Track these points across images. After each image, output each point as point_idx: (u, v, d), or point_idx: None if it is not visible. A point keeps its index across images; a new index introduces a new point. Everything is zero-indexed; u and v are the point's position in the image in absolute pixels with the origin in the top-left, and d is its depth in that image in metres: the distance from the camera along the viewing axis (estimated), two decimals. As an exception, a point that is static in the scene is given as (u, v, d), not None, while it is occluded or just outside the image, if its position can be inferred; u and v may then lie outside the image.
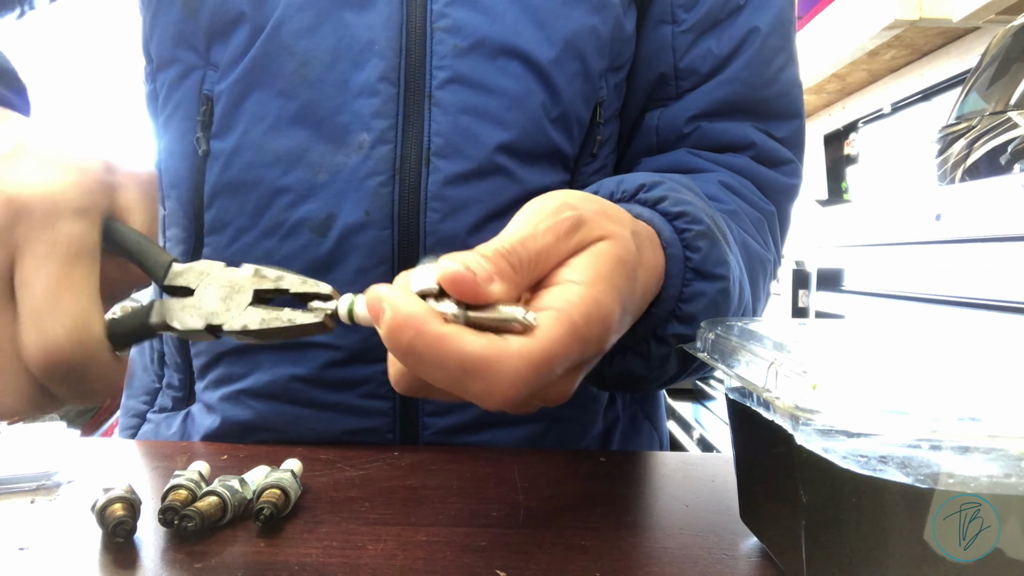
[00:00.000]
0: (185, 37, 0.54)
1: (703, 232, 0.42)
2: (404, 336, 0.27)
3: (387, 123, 0.51)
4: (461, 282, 0.28)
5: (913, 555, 0.25)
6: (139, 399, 0.62)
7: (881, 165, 2.61)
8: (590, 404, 0.59)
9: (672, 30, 0.58)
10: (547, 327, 0.29)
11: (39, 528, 0.36)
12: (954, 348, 0.34)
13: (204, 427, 0.55)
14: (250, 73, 0.52)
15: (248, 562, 0.33)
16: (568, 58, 0.53)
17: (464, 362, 0.27)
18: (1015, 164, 1.24)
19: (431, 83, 0.51)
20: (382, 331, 0.28)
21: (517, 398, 0.28)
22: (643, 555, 0.35)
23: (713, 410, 2.69)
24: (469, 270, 0.28)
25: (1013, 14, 1.61)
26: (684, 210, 0.43)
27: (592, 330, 0.30)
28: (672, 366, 0.45)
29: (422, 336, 0.27)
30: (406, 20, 0.51)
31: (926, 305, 1.28)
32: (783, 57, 0.59)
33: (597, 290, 0.30)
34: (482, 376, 0.27)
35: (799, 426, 0.27)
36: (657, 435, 0.67)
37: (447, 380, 0.28)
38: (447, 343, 0.27)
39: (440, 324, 0.27)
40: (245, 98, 0.52)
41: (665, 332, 0.43)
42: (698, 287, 0.42)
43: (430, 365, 0.27)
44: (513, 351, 0.28)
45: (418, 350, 0.27)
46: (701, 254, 0.42)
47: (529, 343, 0.28)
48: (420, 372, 0.28)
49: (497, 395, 0.28)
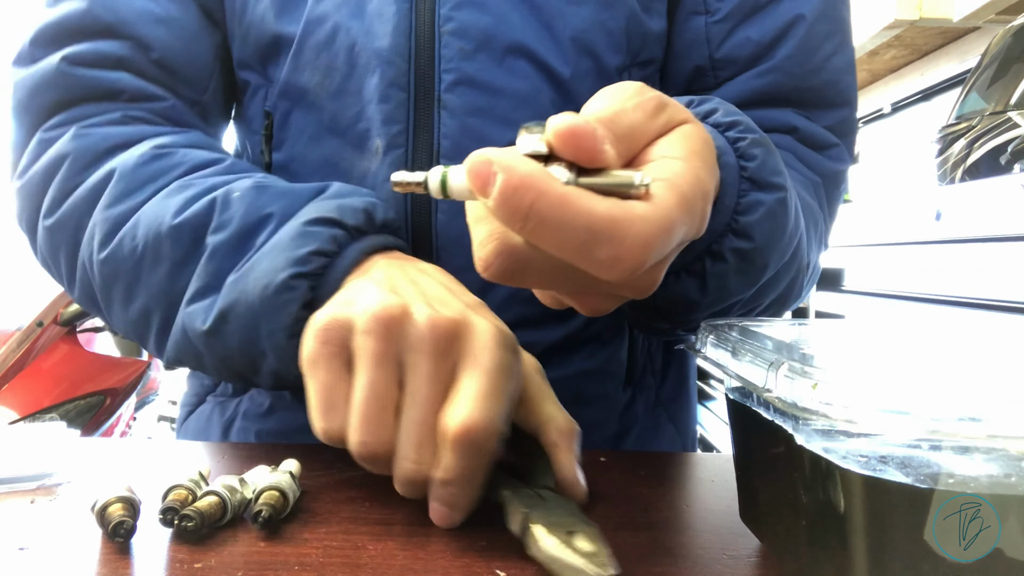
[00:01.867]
0: (244, 62, 0.58)
1: (757, 140, 0.41)
2: (525, 199, 0.25)
3: (398, 128, 0.52)
4: (581, 136, 0.26)
5: (913, 555, 0.25)
6: (204, 382, 0.64)
7: (881, 165, 2.61)
8: (604, 405, 0.58)
9: (705, 20, 0.56)
10: (663, 194, 0.27)
11: (39, 528, 0.36)
12: (954, 348, 0.34)
13: (253, 408, 0.58)
14: (287, 89, 0.55)
15: (248, 562, 0.33)
16: (578, 55, 0.53)
17: (593, 224, 0.25)
18: (1015, 164, 1.24)
19: (439, 86, 0.52)
20: (494, 197, 0.26)
21: (646, 264, 0.27)
22: (643, 555, 0.35)
23: (713, 410, 2.69)
24: (588, 123, 0.26)
25: (1013, 14, 1.61)
26: (737, 120, 0.42)
27: (697, 204, 0.29)
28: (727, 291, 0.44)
29: (545, 196, 0.25)
30: (414, 26, 0.52)
31: (926, 305, 1.28)
32: (832, 43, 0.56)
33: (695, 165, 0.30)
34: (611, 239, 0.26)
35: (799, 426, 0.27)
36: (680, 440, 0.65)
37: (571, 246, 0.26)
38: (574, 203, 0.25)
39: (562, 185, 0.26)
40: (291, 112, 0.55)
41: (722, 247, 0.41)
42: (755, 197, 0.41)
43: (554, 230, 0.26)
44: (640, 213, 0.26)
45: (542, 213, 0.25)
46: (756, 162, 0.41)
47: (652, 207, 0.27)
48: (540, 239, 0.26)
49: (627, 260, 0.26)
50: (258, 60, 0.57)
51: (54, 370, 2.14)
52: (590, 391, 0.57)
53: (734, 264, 0.42)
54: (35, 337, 2.11)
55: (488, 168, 0.26)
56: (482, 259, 0.29)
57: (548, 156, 0.27)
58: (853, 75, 0.59)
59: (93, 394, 2.19)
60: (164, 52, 0.55)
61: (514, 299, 0.53)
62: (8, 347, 2.06)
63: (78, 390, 2.16)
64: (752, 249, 0.42)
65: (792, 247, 0.47)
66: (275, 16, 0.54)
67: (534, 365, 0.44)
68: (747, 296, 0.46)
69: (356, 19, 0.52)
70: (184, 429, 0.64)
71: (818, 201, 0.57)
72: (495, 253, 0.29)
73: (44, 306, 2.13)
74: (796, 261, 0.49)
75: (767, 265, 0.45)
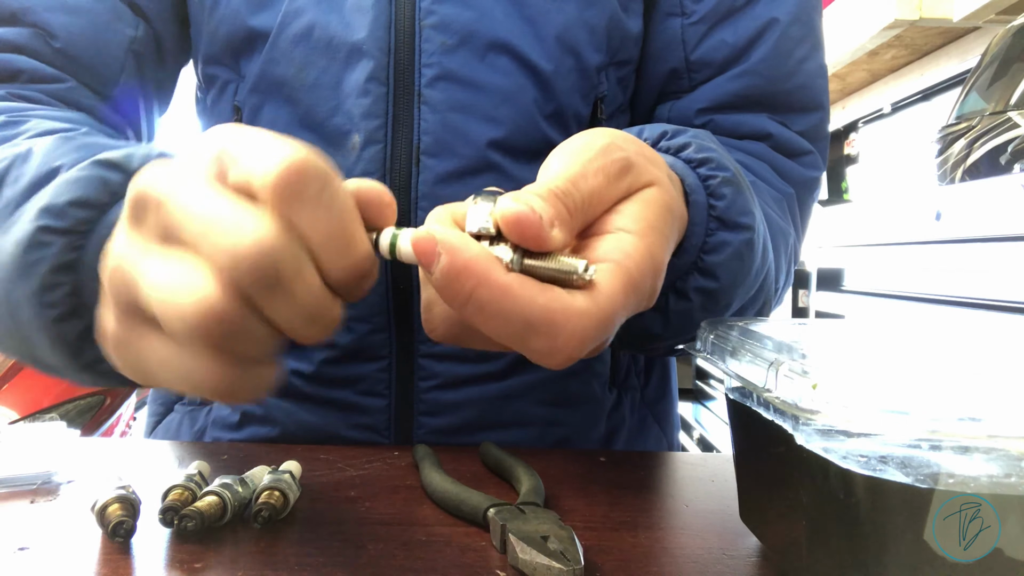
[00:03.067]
0: (213, 56, 0.57)
1: (728, 179, 0.41)
2: (464, 285, 0.25)
3: (377, 123, 0.51)
4: (526, 225, 0.26)
5: (913, 555, 0.25)
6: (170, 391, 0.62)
7: (881, 165, 2.61)
8: (591, 406, 0.58)
9: (681, 23, 0.57)
10: (607, 282, 0.27)
11: (39, 528, 0.36)
12: (954, 348, 0.34)
13: (222, 418, 0.57)
14: (261, 82, 0.54)
15: (248, 562, 0.33)
16: (560, 53, 0.53)
17: (530, 318, 0.25)
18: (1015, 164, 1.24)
19: (420, 81, 0.51)
20: (436, 276, 0.26)
21: (581, 355, 0.27)
22: (643, 555, 0.35)
23: (713, 410, 2.69)
24: (535, 212, 0.26)
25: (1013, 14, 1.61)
26: (708, 156, 0.41)
27: (646, 283, 0.28)
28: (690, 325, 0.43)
29: (485, 287, 0.25)
30: (394, 19, 0.51)
31: (926, 305, 1.28)
32: (805, 47, 0.56)
33: (650, 241, 0.29)
34: (547, 333, 0.26)
35: (799, 426, 0.27)
36: (666, 440, 0.65)
37: (508, 335, 0.26)
38: (513, 294, 0.25)
39: (504, 273, 0.25)
40: (262, 106, 0.54)
41: (686, 285, 0.41)
42: (722, 237, 0.40)
43: (491, 317, 0.26)
44: (579, 308, 0.26)
45: (480, 301, 0.25)
46: (725, 202, 0.40)
47: (592, 301, 0.26)
48: (477, 323, 0.26)
49: (562, 354, 0.26)
50: (230, 55, 0.55)
51: (54, 370, 2.14)
52: (576, 392, 0.57)
53: (698, 302, 0.42)
54: (35, 337, 2.11)
55: (432, 246, 0.26)
56: (427, 322, 0.30)
57: (495, 235, 0.27)
58: (825, 80, 0.59)
59: (93, 394, 2.18)
60: (68, 41, 0.53)
61: None
62: (8, 347, 2.06)
63: (78, 390, 2.16)
64: (717, 288, 0.42)
65: (758, 283, 0.47)
66: (250, 10, 0.53)
67: None
68: None
69: (335, 12, 0.52)
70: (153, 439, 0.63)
71: (791, 216, 0.57)
72: (440, 319, 0.30)
73: (44, 306, 2.13)
74: (763, 293, 0.49)
75: (731, 303, 0.45)
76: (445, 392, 0.54)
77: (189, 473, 0.38)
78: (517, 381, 0.55)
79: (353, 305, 0.52)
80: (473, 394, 0.54)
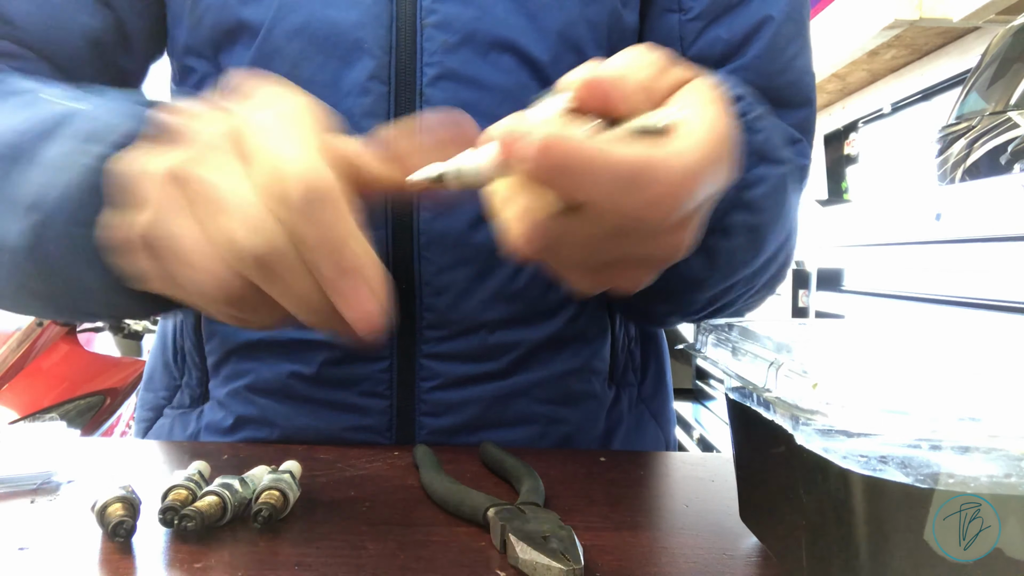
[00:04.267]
0: (194, 48, 0.55)
1: (763, 115, 0.41)
2: (555, 155, 0.25)
3: (377, 122, 0.51)
4: (600, 84, 0.26)
5: (913, 555, 0.25)
6: (158, 394, 0.62)
7: (881, 165, 2.61)
8: (591, 403, 0.58)
9: (679, 19, 0.57)
10: (692, 131, 0.27)
11: (39, 528, 0.36)
12: (954, 348, 0.34)
13: (215, 422, 0.56)
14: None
15: (248, 562, 0.33)
16: (563, 50, 0.53)
17: (630, 168, 0.25)
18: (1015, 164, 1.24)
19: (421, 80, 0.51)
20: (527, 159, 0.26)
21: (691, 199, 0.26)
22: (643, 555, 0.35)
23: (713, 410, 2.70)
24: (606, 72, 0.26)
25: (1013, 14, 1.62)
26: (743, 93, 0.41)
27: (723, 148, 0.28)
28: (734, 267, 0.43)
29: (577, 150, 0.25)
30: (395, 17, 0.51)
31: (926, 305, 1.28)
32: (796, 45, 0.57)
33: (715, 110, 0.29)
34: (650, 180, 0.26)
35: (799, 426, 0.27)
36: (663, 438, 0.66)
37: (610, 194, 0.26)
38: (606, 152, 0.25)
39: (591, 136, 0.26)
40: None
41: (729, 221, 0.41)
42: (761, 171, 0.41)
43: (589, 180, 0.25)
44: (676, 147, 0.26)
45: (574, 166, 0.25)
46: (763, 135, 0.40)
47: (685, 141, 0.26)
48: (576, 192, 0.26)
49: (669, 200, 0.26)
50: (211, 47, 0.54)
51: (54, 370, 2.14)
52: (577, 389, 0.57)
53: (741, 239, 0.42)
54: (35, 337, 2.11)
55: (513, 135, 0.26)
56: (519, 236, 0.29)
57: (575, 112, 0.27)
58: (813, 76, 0.60)
59: (93, 394, 2.19)
60: (27, 29, 0.52)
61: (499, 297, 0.53)
62: (8, 347, 2.06)
63: (78, 390, 2.16)
64: (759, 224, 0.42)
65: (788, 225, 0.47)
66: (241, 1, 0.52)
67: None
68: (750, 272, 0.46)
69: (332, 7, 0.51)
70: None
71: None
72: (531, 229, 0.28)
73: (44, 306, 2.13)
74: (790, 242, 0.49)
75: (769, 243, 0.45)
76: (447, 392, 0.54)
77: (189, 473, 0.38)
78: (518, 380, 0.55)
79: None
80: (474, 393, 0.54)
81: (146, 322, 2.34)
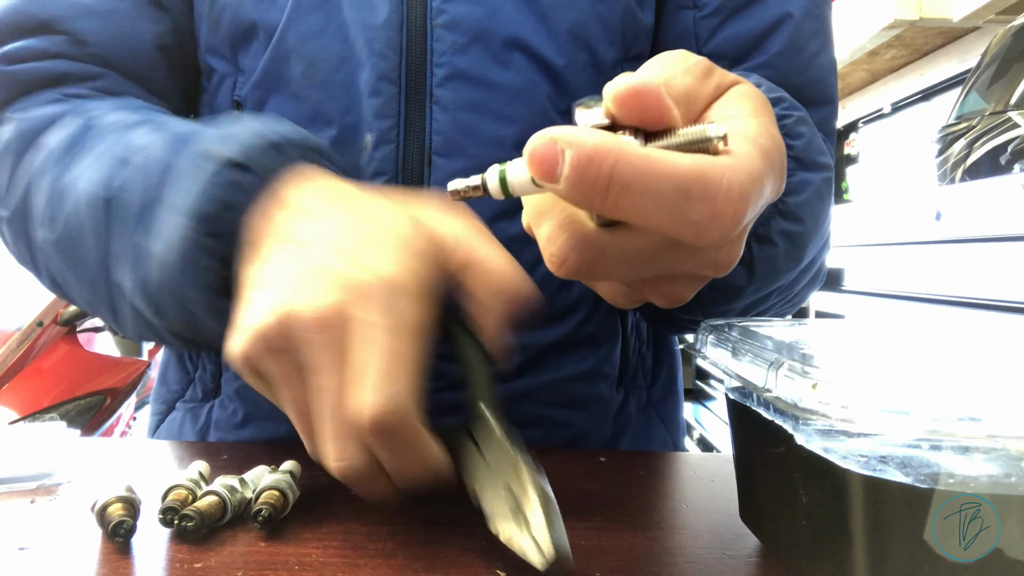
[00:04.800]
0: (213, 47, 0.56)
1: (803, 118, 0.40)
2: (603, 167, 0.23)
3: (389, 123, 0.51)
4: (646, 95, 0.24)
5: (913, 555, 0.25)
6: (171, 388, 0.63)
7: (881, 165, 2.61)
8: (598, 407, 0.58)
9: (694, 15, 0.56)
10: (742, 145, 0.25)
11: (39, 528, 0.36)
12: (954, 348, 0.34)
13: (224, 417, 0.57)
14: (266, 78, 0.53)
15: (248, 562, 0.33)
16: (574, 48, 0.52)
17: (682, 182, 0.23)
18: (1015, 164, 1.24)
19: (431, 81, 0.51)
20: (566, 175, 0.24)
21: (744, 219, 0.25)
22: (643, 555, 0.35)
23: (713, 410, 2.70)
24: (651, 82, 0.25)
25: (1013, 14, 1.62)
26: (781, 96, 0.40)
27: (776, 157, 0.27)
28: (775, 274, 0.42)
29: (625, 162, 0.23)
30: (406, 18, 0.51)
31: (926, 305, 1.28)
32: (818, 42, 0.56)
33: (764, 120, 0.28)
34: (704, 193, 0.24)
35: (799, 426, 0.27)
36: (671, 442, 0.65)
37: (662, 210, 0.24)
38: (657, 162, 0.23)
39: (640, 146, 0.24)
40: (266, 102, 0.53)
41: (769, 230, 0.40)
42: (802, 176, 0.39)
43: (641, 194, 0.23)
44: (729, 163, 0.24)
45: (624, 178, 0.23)
46: (803, 141, 0.39)
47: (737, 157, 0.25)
48: (626, 209, 0.24)
49: (725, 215, 0.24)
50: (228, 46, 0.55)
51: (54, 370, 2.14)
52: (584, 393, 0.57)
53: (782, 248, 0.41)
54: (35, 337, 2.11)
55: (552, 148, 0.24)
56: (554, 255, 0.27)
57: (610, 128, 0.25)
58: (835, 74, 0.59)
59: (93, 394, 2.19)
60: (100, 45, 0.53)
61: None
62: (8, 347, 2.06)
63: (78, 390, 2.16)
64: (801, 232, 0.41)
65: (827, 232, 0.46)
66: (255, 1, 0.53)
67: (468, 228, 0.38)
68: (788, 281, 0.45)
69: (345, 9, 0.51)
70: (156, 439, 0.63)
71: None
72: (568, 247, 0.27)
73: (44, 306, 2.13)
74: (827, 247, 0.48)
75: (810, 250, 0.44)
76: (452, 393, 0.54)
77: (189, 473, 0.38)
78: (524, 383, 0.54)
79: None
80: None
81: (146, 322, 2.34)
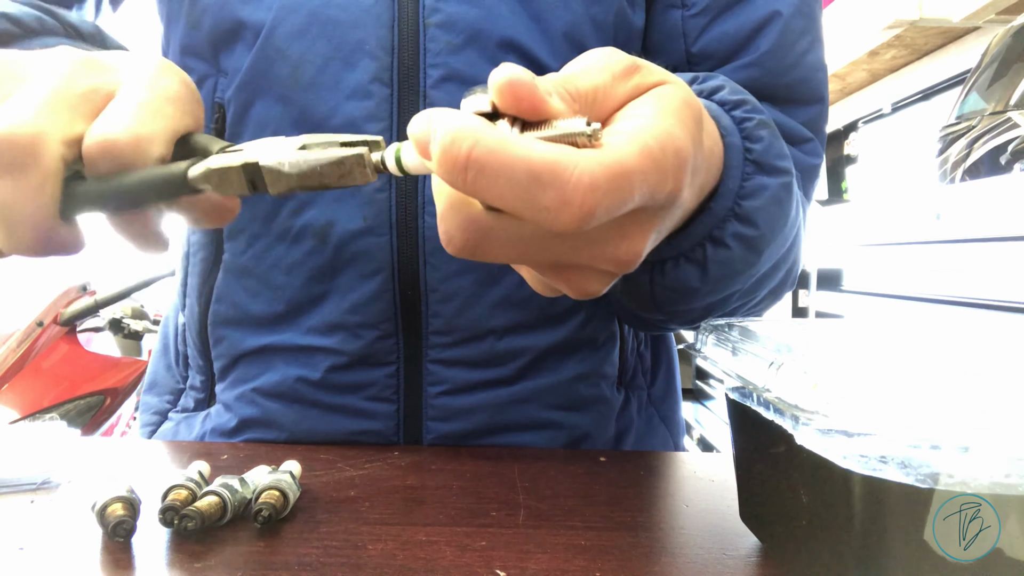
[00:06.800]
0: (192, 47, 0.54)
1: (764, 122, 0.39)
2: (461, 149, 0.24)
3: (381, 126, 0.50)
4: (518, 85, 0.25)
5: (913, 555, 0.25)
6: (162, 398, 0.62)
7: (881, 165, 2.61)
8: (601, 408, 0.58)
9: (682, 14, 0.55)
10: (619, 143, 0.26)
11: (39, 528, 0.36)
12: (954, 348, 0.34)
13: (221, 425, 0.56)
14: (251, 79, 0.52)
15: (248, 562, 0.33)
16: (568, 50, 0.52)
17: (533, 167, 0.24)
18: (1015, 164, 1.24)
19: (425, 82, 0.50)
20: (435, 153, 0.25)
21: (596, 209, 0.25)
22: (643, 555, 0.35)
23: (713, 410, 2.70)
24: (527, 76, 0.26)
25: (1013, 14, 1.62)
26: (743, 99, 0.40)
27: (667, 160, 0.27)
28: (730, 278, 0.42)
29: (481, 143, 0.24)
30: (398, 17, 0.50)
31: (926, 305, 1.28)
32: (807, 40, 0.55)
33: (668, 122, 0.28)
34: (555, 181, 0.24)
35: (799, 426, 0.27)
36: (672, 442, 0.65)
37: (514, 193, 0.25)
38: (511, 148, 0.24)
39: (500, 132, 0.25)
40: (251, 104, 0.52)
41: (724, 233, 0.40)
42: (760, 181, 0.39)
43: (494, 176, 0.24)
44: (587, 155, 0.25)
45: (479, 160, 0.24)
46: (762, 144, 0.39)
47: (602, 152, 0.25)
48: (483, 191, 0.25)
49: (575, 203, 0.25)
50: (209, 47, 0.53)
51: (54, 370, 2.14)
52: (586, 394, 0.57)
53: (737, 251, 0.41)
54: (35, 337, 2.11)
55: (427, 125, 0.26)
56: (444, 233, 0.28)
57: (493, 115, 0.26)
58: (825, 73, 0.58)
59: (93, 394, 2.19)
60: None
61: (507, 303, 0.53)
62: (8, 347, 2.06)
63: (78, 390, 2.16)
64: (756, 236, 0.41)
65: (792, 236, 0.46)
66: (241, 0, 0.51)
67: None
68: (745, 287, 0.46)
69: (333, 7, 0.50)
70: None
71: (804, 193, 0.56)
72: (455, 225, 0.27)
73: (44, 306, 2.13)
74: (794, 251, 0.48)
75: (768, 255, 0.44)
76: (454, 398, 0.53)
77: (189, 474, 0.38)
78: (526, 386, 0.54)
79: (360, 311, 0.52)
80: (483, 399, 0.54)
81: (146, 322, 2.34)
